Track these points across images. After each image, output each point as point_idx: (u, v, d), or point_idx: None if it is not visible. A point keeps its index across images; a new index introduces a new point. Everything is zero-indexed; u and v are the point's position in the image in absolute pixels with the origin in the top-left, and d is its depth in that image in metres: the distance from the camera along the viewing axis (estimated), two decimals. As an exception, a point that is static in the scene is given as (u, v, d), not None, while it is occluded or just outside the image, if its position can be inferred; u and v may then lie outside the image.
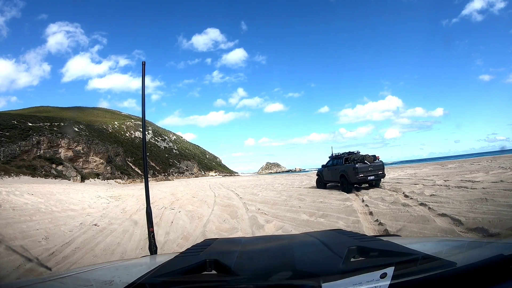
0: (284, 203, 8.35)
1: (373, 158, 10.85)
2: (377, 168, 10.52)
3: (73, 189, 17.13)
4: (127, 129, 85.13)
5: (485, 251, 1.06)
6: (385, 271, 0.78)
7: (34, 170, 35.45)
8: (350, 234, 1.43)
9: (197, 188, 18.93)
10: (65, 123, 64.91)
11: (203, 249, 1.24)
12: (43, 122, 56.92)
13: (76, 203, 10.04)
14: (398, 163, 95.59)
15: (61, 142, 40.91)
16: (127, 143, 78.19)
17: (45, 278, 1.27)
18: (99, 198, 12.30)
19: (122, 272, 1.21)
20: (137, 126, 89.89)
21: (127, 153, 71.58)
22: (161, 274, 0.93)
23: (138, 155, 75.22)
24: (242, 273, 0.91)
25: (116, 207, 9.61)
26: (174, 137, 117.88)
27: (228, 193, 13.38)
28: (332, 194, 9.63)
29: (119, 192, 16.96)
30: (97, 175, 43.42)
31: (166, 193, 15.62)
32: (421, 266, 0.86)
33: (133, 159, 72.30)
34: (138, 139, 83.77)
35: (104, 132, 74.92)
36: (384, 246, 1.15)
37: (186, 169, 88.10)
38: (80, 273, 1.21)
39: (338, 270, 0.86)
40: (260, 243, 1.53)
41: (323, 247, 1.16)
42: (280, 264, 1.02)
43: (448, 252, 1.10)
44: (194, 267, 0.98)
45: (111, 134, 76.26)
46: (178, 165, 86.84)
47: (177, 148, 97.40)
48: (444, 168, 17.96)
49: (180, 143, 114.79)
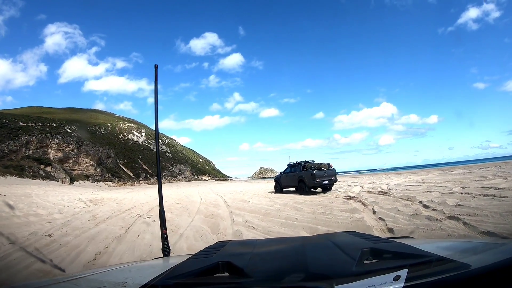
0: (277, 213, 7.39)
1: (328, 165, 12.59)
2: (331, 174, 12.30)
3: (55, 191, 16.93)
4: (120, 131, 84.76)
5: (500, 253, 1.04)
6: (398, 273, 0.78)
7: (22, 170, 35.17)
8: (363, 236, 1.43)
9: (185, 193, 18.40)
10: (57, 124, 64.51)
11: (216, 251, 1.26)
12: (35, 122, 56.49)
13: (47, 207, 9.57)
14: (392, 169, 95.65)
15: (51, 143, 40.68)
16: (120, 145, 77.80)
17: (58, 279, 1.29)
18: (78, 202, 12.01)
19: (135, 273, 1.21)
20: (130, 128, 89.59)
21: (119, 156, 71.17)
22: (174, 276, 0.95)
23: (131, 157, 74.90)
24: (254, 275, 0.91)
25: (88, 213, 8.97)
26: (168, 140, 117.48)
27: (216, 199, 12.59)
28: (334, 203, 8.36)
29: (103, 195, 16.79)
30: (87, 177, 43.17)
31: (151, 198, 15.20)
32: (435, 268, 0.85)
33: (126, 161, 71.84)
34: (131, 142, 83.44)
35: (97, 134, 74.46)
36: (398, 248, 1.14)
37: (179, 172, 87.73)
38: (94, 275, 1.23)
39: (351, 272, 0.86)
40: (273, 245, 1.54)
41: (336, 249, 1.17)
42: (293, 266, 1.03)
43: (462, 254, 1.09)
44: (207, 269, 1.00)
45: (104, 136, 75.88)
46: (171, 169, 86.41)
47: (170, 152, 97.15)
48: (451, 174, 16.86)
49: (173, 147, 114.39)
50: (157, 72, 2.96)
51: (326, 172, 12.17)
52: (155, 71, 2.96)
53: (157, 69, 2.97)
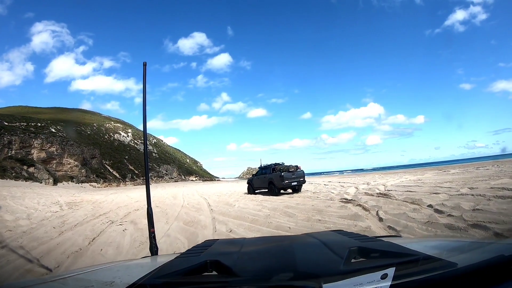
0: (266, 220, 6.50)
1: (296, 168, 13.17)
2: (299, 176, 12.84)
3: (34, 193, 16.54)
4: (106, 131, 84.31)
5: (486, 252, 1.05)
6: (386, 272, 0.79)
7: (3, 171, 35.30)
8: (351, 235, 1.44)
9: (168, 195, 17.57)
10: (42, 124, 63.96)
11: (204, 250, 1.26)
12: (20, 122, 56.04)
13: (17, 211, 8.95)
14: (380, 169, 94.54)
15: (34, 143, 40.75)
16: (106, 146, 77.39)
17: (46, 278, 1.28)
18: (53, 205, 11.52)
19: (123, 273, 1.20)
20: (116, 128, 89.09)
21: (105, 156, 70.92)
22: (162, 275, 0.94)
23: (117, 158, 74.64)
24: (243, 274, 0.91)
25: (59, 219, 8.07)
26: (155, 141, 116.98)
27: (200, 202, 11.71)
28: (331, 208, 7.43)
29: (84, 198, 16.58)
30: (71, 178, 43.44)
31: (132, 200, 14.50)
32: (422, 267, 0.86)
33: (111, 162, 71.64)
34: (117, 142, 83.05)
35: (83, 134, 74.03)
36: (385, 246, 1.15)
37: (165, 173, 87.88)
38: (81, 274, 1.22)
39: (339, 271, 0.87)
40: (261, 244, 1.54)
41: (324, 248, 1.17)
42: (281, 265, 1.03)
43: (449, 252, 1.09)
44: (195, 268, 0.99)
45: (89, 136, 75.50)
46: (158, 169, 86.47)
47: (156, 152, 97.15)
48: (449, 174, 15.73)
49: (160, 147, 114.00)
50: (145, 70, 2.93)
51: (294, 174, 12.70)
52: (144, 69, 2.93)
53: (146, 67, 2.94)
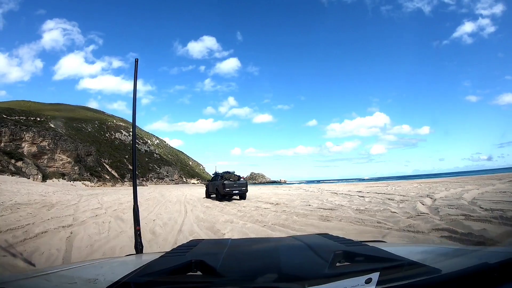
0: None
1: (238, 177, 14.24)
2: (241, 185, 13.70)
3: (7, 190, 15.25)
4: (107, 129, 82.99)
5: (471, 259, 1.07)
6: (370, 276, 0.78)
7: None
8: (336, 239, 1.41)
9: (155, 199, 15.93)
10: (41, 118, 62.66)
11: (189, 250, 1.24)
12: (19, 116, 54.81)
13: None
14: (384, 178, 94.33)
15: (25, 136, 39.01)
16: (106, 144, 76.13)
17: (28, 274, 1.24)
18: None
19: (107, 270, 1.19)
20: (118, 127, 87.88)
21: (104, 155, 69.45)
22: (146, 274, 0.93)
23: (116, 157, 73.11)
24: (227, 274, 0.91)
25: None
26: (157, 141, 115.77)
27: (182, 210, 9.25)
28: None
29: (48, 198, 14.23)
30: (62, 175, 41.47)
31: (108, 204, 12.43)
32: (406, 272, 0.87)
33: (111, 161, 70.14)
34: (118, 141, 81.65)
35: (83, 131, 72.71)
36: (370, 251, 1.14)
37: (166, 174, 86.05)
38: (65, 270, 1.21)
39: (323, 274, 0.87)
40: (246, 245, 1.51)
41: (309, 251, 1.15)
42: (266, 266, 1.01)
43: (433, 259, 1.10)
44: (180, 267, 0.98)
45: (90, 133, 74.08)
46: (158, 170, 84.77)
47: (158, 153, 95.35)
48: (480, 185, 11.73)
49: (162, 148, 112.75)
50: (137, 66, 2.89)
51: (236, 183, 13.65)
52: (135, 65, 2.89)
53: (137, 63, 2.89)
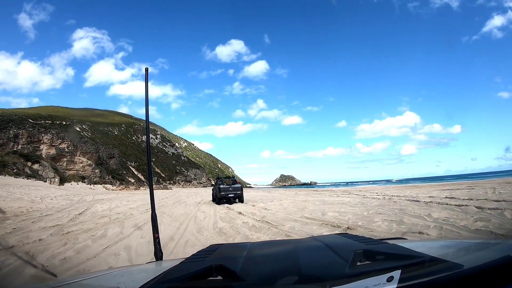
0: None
1: (233, 182, 15.02)
2: (236, 189, 14.36)
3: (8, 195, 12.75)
4: (134, 132, 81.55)
5: (492, 253, 1.04)
6: (391, 275, 0.77)
7: (3, 167, 30.85)
8: (355, 238, 1.40)
9: (169, 204, 14.48)
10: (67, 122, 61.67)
11: (208, 255, 1.24)
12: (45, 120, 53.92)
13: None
14: (415, 180, 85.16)
15: (43, 138, 36.68)
16: (133, 147, 74.42)
17: (50, 284, 1.24)
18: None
19: (128, 278, 1.18)
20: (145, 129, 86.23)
21: (131, 158, 67.55)
22: (166, 280, 0.93)
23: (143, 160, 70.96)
24: (247, 278, 0.90)
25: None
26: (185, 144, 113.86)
27: (192, 225, 6.98)
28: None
29: (47, 204, 11.47)
30: (82, 178, 38.68)
31: (113, 212, 10.31)
32: (428, 269, 0.85)
33: (137, 164, 68.04)
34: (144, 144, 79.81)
35: (109, 134, 71.38)
36: (390, 249, 1.13)
37: (194, 177, 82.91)
38: (86, 280, 1.19)
39: (344, 274, 0.86)
40: (265, 248, 1.51)
41: (329, 251, 1.15)
42: (286, 268, 1.01)
43: (454, 254, 1.08)
44: (200, 272, 0.98)
45: (116, 136, 72.58)
46: (186, 173, 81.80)
47: (186, 156, 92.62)
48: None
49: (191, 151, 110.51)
50: (147, 75, 2.82)
51: (231, 187, 14.15)
52: (146, 74, 2.83)
53: (148, 72, 2.82)
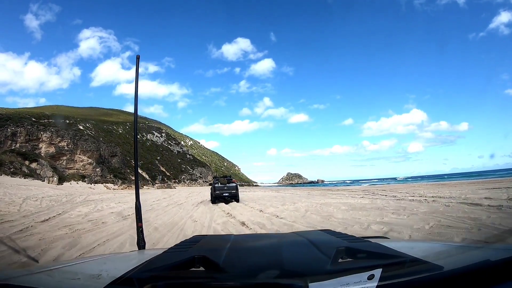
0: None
1: (227, 181, 14.89)
2: (231, 188, 14.45)
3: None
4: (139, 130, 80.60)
5: (473, 256, 1.07)
6: (372, 273, 0.78)
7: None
8: (338, 235, 1.41)
9: (160, 206, 13.12)
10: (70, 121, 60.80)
11: (192, 245, 1.24)
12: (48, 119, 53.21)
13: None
14: (421, 177, 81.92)
15: (42, 136, 35.67)
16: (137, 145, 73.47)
17: (32, 270, 1.22)
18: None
19: (110, 266, 1.18)
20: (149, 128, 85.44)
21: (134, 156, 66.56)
22: (149, 269, 0.93)
23: (148, 158, 70.13)
24: (230, 270, 0.91)
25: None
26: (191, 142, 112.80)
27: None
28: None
29: (27, 207, 10.43)
30: (82, 177, 37.57)
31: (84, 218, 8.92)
32: (408, 269, 0.87)
33: (142, 162, 67.07)
34: (149, 142, 78.99)
35: (113, 132, 70.55)
36: (373, 248, 1.14)
37: (199, 176, 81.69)
38: (68, 266, 1.20)
39: (326, 270, 0.87)
40: (249, 241, 1.53)
41: (312, 247, 1.15)
42: (268, 262, 1.01)
43: (435, 255, 1.09)
44: (183, 263, 0.98)
45: (121, 135, 71.72)
46: (191, 172, 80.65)
47: (191, 154, 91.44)
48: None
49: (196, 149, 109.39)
50: (138, 63, 2.79)
51: (226, 186, 14.37)
52: (137, 62, 2.79)
53: (139, 60, 2.79)
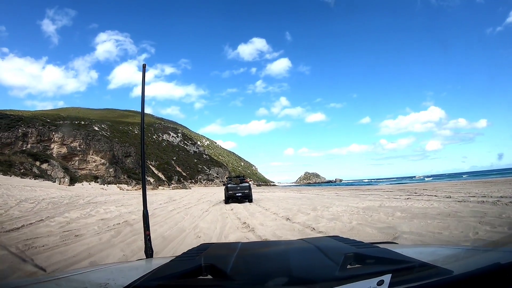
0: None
1: (240, 180, 15.11)
2: (243, 188, 14.50)
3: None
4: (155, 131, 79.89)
5: (482, 260, 1.04)
6: (382, 278, 0.77)
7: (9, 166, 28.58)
8: (346, 241, 1.37)
9: (164, 212, 12.91)
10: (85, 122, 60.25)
11: (199, 254, 1.23)
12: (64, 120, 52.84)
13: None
14: (440, 176, 76.67)
15: (54, 136, 34.52)
16: (153, 146, 72.66)
17: (40, 279, 1.22)
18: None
19: (117, 275, 1.17)
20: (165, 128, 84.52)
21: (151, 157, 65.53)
22: (156, 278, 0.92)
23: (164, 159, 68.94)
24: (238, 278, 0.90)
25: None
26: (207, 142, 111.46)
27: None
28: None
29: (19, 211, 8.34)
30: (95, 178, 36.13)
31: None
32: (418, 274, 0.85)
33: (158, 163, 65.98)
34: (165, 142, 77.94)
35: (129, 133, 69.88)
36: (381, 253, 1.13)
37: (216, 176, 79.78)
38: (75, 275, 1.19)
39: (334, 277, 0.85)
40: (256, 248, 1.51)
41: (320, 254, 1.13)
42: (276, 269, 1.00)
43: (445, 260, 1.06)
44: (190, 271, 0.97)
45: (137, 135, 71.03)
46: (208, 172, 78.85)
47: (208, 154, 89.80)
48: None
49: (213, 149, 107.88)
50: (144, 71, 2.85)
51: (239, 186, 14.42)
52: (143, 71, 2.85)
53: (145, 68, 2.84)
